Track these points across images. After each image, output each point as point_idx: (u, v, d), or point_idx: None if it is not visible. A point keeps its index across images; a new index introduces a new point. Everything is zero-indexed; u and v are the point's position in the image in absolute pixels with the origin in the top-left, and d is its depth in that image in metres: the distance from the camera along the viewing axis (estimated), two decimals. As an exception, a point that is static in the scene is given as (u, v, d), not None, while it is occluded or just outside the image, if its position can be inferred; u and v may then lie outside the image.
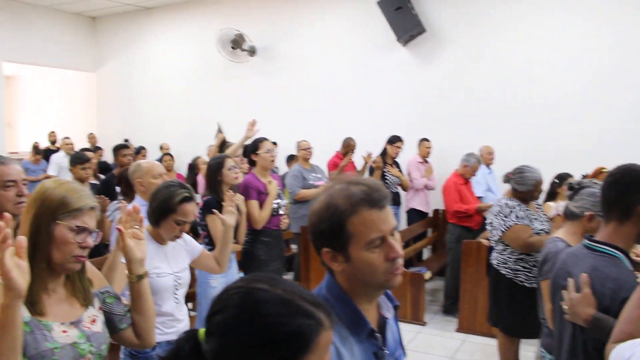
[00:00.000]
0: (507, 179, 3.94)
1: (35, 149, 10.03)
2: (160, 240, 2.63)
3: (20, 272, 1.28)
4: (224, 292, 1.00)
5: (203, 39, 9.56)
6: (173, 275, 2.62)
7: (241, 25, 8.94)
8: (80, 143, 9.93)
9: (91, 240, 1.63)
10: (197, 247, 2.81)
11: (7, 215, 1.36)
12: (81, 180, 4.69)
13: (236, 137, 5.32)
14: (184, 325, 2.69)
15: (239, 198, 3.70)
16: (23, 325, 1.43)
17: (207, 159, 6.22)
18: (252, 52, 8.94)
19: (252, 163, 4.49)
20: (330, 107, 8.38)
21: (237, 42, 8.84)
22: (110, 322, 1.77)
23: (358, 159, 7.14)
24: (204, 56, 9.64)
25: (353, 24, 8.19)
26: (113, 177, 5.09)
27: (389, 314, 1.41)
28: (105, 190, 4.75)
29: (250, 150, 4.52)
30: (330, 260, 1.29)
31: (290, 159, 7.88)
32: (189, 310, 4.16)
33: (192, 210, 2.60)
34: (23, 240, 1.31)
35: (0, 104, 9.65)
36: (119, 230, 1.78)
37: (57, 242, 1.57)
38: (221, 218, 2.87)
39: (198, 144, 8.74)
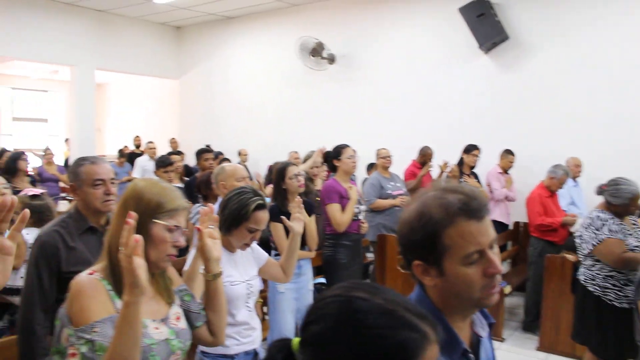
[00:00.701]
0: (601, 190, 3.73)
1: (121, 152, 10.51)
2: (229, 248, 2.60)
3: (142, 270, 1.33)
4: (320, 301, 0.94)
5: (282, 47, 9.71)
6: (245, 284, 2.60)
7: (320, 34, 9.01)
8: (163, 147, 10.33)
9: (182, 240, 1.66)
10: (264, 255, 2.79)
11: (133, 214, 1.41)
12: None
13: (314, 145, 5.38)
14: (258, 333, 2.66)
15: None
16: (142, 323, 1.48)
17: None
18: (331, 60, 8.98)
19: (333, 168, 4.57)
20: (408, 115, 8.28)
21: (316, 50, 8.91)
22: (187, 320, 1.80)
23: (434, 168, 7.01)
24: (283, 64, 9.78)
25: (433, 31, 8.07)
26: (196, 180, 5.24)
27: (484, 332, 1.30)
28: (188, 193, 4.89)
29: (333, 155, 4.61)
30: (421, 273, 1.20)
31: (371, 167, 7.85)
32: (264, 314, 4.21)
33: (265, 218, 2.55)
34: (140, 239, 1.35)
35: (91, 110, 10.16)
36: (198, 229, 1.81)
37: (154, 240, 1.60)
38: (289, 225, 2.78)
39: (276, 150, 8.86)
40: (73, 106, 10.10)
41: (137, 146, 11.67)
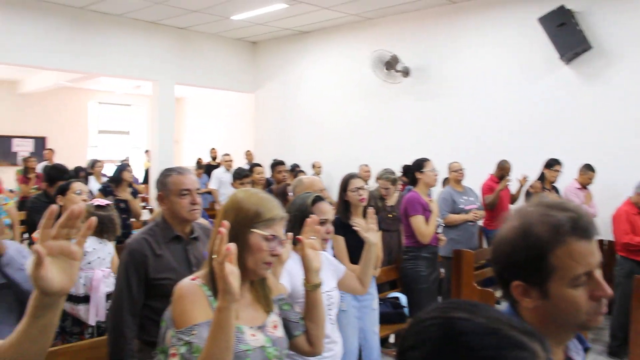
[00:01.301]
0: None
1: (198, 164, 10.86)
2: None
3: (234, 277, 1.37)
4: (417, 324, 0.87)
5: (356, 60, 9.76)
6: (325, 294, 2.56)
7: (395, 47, 8.99)
8: (238, 160, 10.58)
9: (280, 249, 1.70)
10: (342, 267, 2.79)
11: (225, 223, 1.47)
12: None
13: (386, 158, 5.37)
14: (339, 348, 2.63)
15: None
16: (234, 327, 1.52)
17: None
18: (405, 73, 8.94)
19: (413, 181, 4.62)
20: (484, 128, 8.10)
21: (390, 64, 8.89)
22: (286, 329, 1.84)
23: (512, 182, 6.82)
24: (356, 77, 9.82)
25: (510, 42, 7.87)
26: (272, 192, 5.33)
27: (579, 357, 1.25)
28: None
29: (415, 168, 4.65)
30: (520, 294, 1.15)
31: (446, 181, 7.74)
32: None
33: (327, 207, 2.60)
34: (233, 247, 1.39)
35: (171, 123, 10.57)
36: (299, 239, 1.86)
37: (251, 249, 1.66)
38: (364, 236, 2.78)
39: (350, 163, 8.90)
40: (154, 119, 10.55)
41: (213, 158, 12.01)
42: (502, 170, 6.80)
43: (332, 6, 8.99)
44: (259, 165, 5.77)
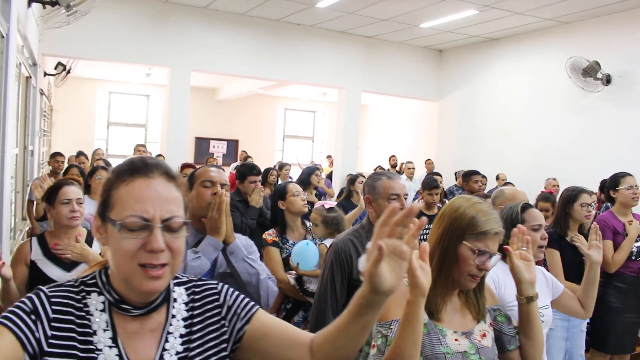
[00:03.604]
0: None
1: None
2: None
3: (423, 273, 1.33)
4: None
5: (549, 68, 9.20)
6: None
7: (594, 53, 8.29)
8: (419, 168, 10.53)
9: (489, 264, 1.65)
10: (560, 286, 2.59)
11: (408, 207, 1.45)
12: (429, 205, 4.84)
13: (580, 172, 4.91)
14: None
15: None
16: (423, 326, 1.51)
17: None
18: (606, 80, 8.19)
19: (611, 200, 4.11)
20: None
21: (588, 71, 8.22)
22: (499, 341, 1.77)
23: None
24: (549, 86, 9.26)
25: None
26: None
27: None
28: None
29: (610, 185, 4.15)
30: None
31: None
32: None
33: (540, 214, 2.50)
34: (426, 246, 1.35)
35: (356, 130, 10.85)
36: (507, 249, 1.77)
37: (458, 260, 1.65)
38: (586, 253, 2.59)
39: (540, 175, 8.38)
40: (339, 125, 10.90)
41: (393, 166, 12.06)
42: None
43: (526, 11, 8.56)
44: (438, 174, 5.70)
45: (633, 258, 3.94)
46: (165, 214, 1.08)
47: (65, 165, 6.51)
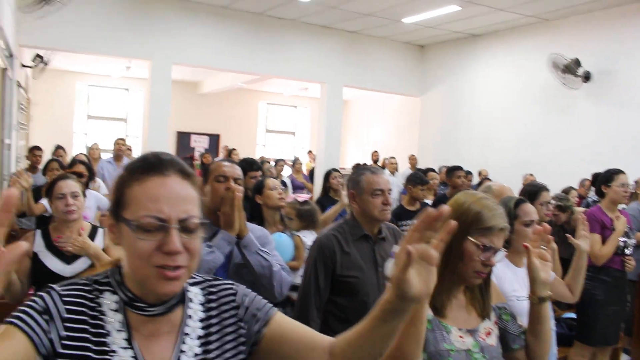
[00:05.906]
0: None
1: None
2: (516, 263, 2.53)
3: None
4: None
5: (530, 64, 9.29)
6: (516, 300, 2.48)
7: (573, 50, 8.38)
8: (402, 164, 10.56)
9: (494, 260, 1.63)
10: (551, 275, 2.65)
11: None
12: (418, 199, 4.87)
13: (560, 169, 4.97)
14: None
15: None
16: (426, 323, 1.50)
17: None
18: (586, 77, 8.29)
19: (601, 194, 4.17)
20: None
21: (568, 68, 8.30)
22: (503, 340, 1.76)
23: None
24: (529, 83, 9.36)
25: None
26: (445, 197, 5.20)
27: None
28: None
29: (602, 180, 4.20)
30: None
31: (633, 196, 7.03)
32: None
33: (534, 209, 2.53)
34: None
35: (338, 125, 10.83)
36: (525, 247, 1.73)
37: (464, 256, 1.63)
38: (575, 243, 2.73)
39: (519, 171, 8.45)
40: (321, 121, 10.86)
41: (375, 161, 12.06)
42: None
43: (508, 7, 8.62)
44: (433, 170, 5.67)
45: (619, 252, 4.02)
46: (181, 214, 1.03)
47: (44, 159, 6.40)
